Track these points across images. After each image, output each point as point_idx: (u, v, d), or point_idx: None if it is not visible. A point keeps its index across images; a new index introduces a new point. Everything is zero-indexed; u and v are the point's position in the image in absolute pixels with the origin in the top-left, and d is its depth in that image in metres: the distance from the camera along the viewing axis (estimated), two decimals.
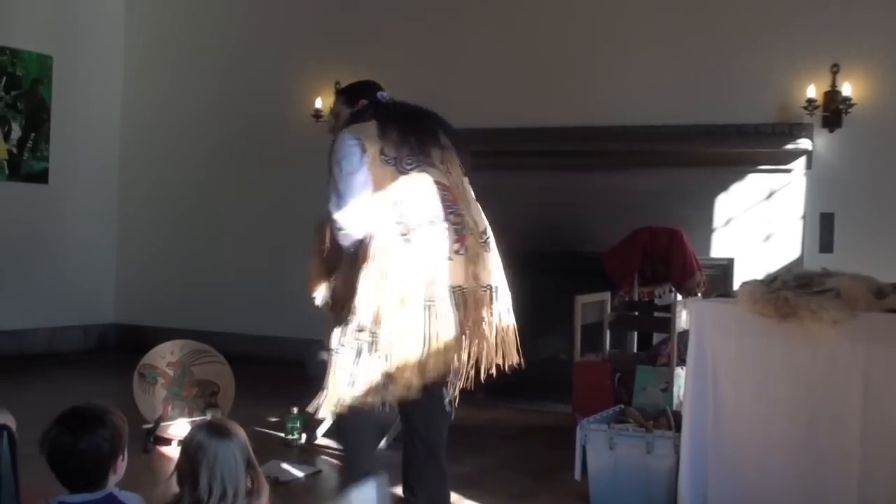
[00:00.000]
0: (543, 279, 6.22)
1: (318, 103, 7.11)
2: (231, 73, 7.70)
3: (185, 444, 2.31)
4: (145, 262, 7.99)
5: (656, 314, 5.62)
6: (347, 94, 3.55)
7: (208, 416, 4.61)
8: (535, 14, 6.67)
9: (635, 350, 5.84)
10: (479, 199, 3.46)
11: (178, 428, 4.57)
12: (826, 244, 5.90)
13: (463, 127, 6.28)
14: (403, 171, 3.25)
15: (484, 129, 6.41)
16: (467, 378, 3.25)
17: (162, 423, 4.67)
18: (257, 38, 7.65)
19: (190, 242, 7.82)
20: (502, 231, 3.51)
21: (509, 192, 6.34)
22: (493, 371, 3.26)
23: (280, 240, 7.40)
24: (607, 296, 5.49)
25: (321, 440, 4.85)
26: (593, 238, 6.11)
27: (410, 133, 3.31)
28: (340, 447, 3.88)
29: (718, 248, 6.06)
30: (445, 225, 3.22)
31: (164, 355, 4.93)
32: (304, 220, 7.18)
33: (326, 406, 3.14)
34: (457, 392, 3.29)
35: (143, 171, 8.06)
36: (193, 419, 4.57)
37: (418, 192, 3.25)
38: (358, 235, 3.19)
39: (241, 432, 2.33)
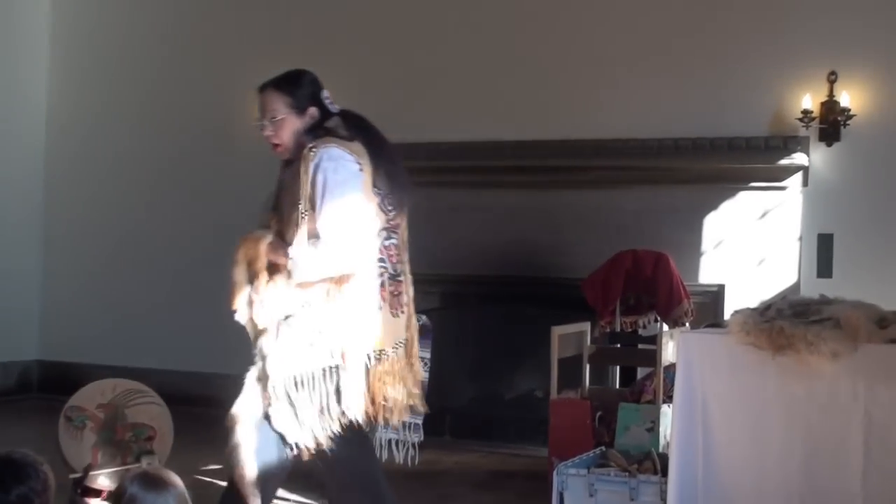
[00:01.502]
0: (516, 308, 6.24)
1: None
2: (168, 85, 7.67)
3: (116, 496, 2.29)
4: (73, 293, 7.91)
5: (640, 346, 5.64)
6: (292, 96, 3.41)
7: (143, 465, 4.57)
8: (510, 19, 6.73)
9: (618, 386, 5.86)
10: (446, 218, 3.53)
11: (110, 478, 4.51)
12: (824, 268, 5.97)
13: (427, 141, 6.44)
14: (385, 213, 3.33)
15: (450, 143, 6.45)
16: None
17: (91, 473, 4.61)
18: (196, 47, 7.63)
19: (123, 271, 7.76)
20: (470, 255, 3.55)
21: (479, 211, 6.37)
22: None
23: (223, 267, 7.33)
24: (587, 326, 5.51)
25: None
26: (571, 263, 6.14)
27: (397, 175, 3.37)
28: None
29: (708, 274, 6.11)
30: (402, 279, 3.37)
31: (94, 396, 4.87)
32: None
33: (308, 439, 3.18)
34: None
35: (71, 194, 7.99)
36: (126, 468, 4.52)
37: (400, 235, 3.37)
38: (339, 273, 3.20)
39: (178, 483, 2.32)
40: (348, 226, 3.18)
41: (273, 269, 3.37)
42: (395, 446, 3.25)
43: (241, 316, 3.48)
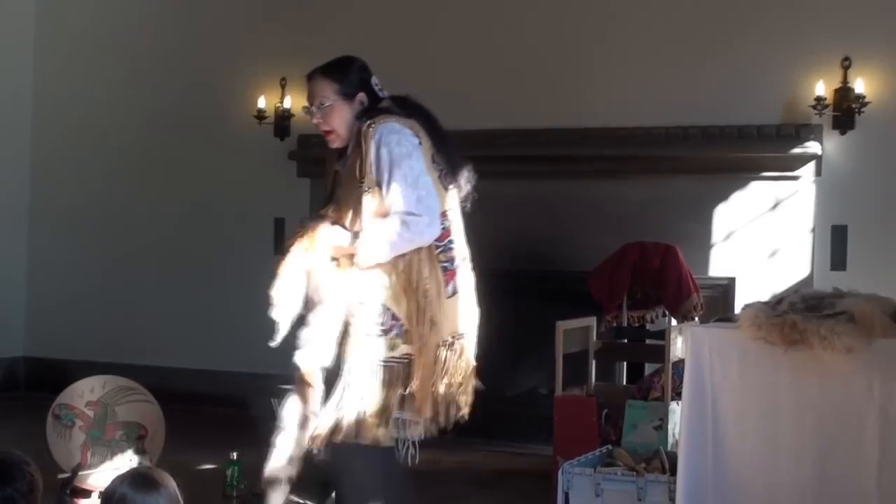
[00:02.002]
0: (519, 303, 6.24)
1: (262, 103, 7.10)
2: (161, 72, 7.66)
3: (106, 497, 2.30)
4: (61, 287, 7.91)
5: (648, 342, 5.65)
6: (340, 82, 3.44)
7: (134, 464, 4.57)
8: (513, 5, 6.70)
9: (625, 383, 5.86)
10: None
11: (100, 478, 4.52)
12: (838, 261, 5.96)
13: None
14: (445, 188, 3.38)
15: (452, 131, 6.44)
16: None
17: (80, 473, 4.62)
18: (191, 32, 7.63)
19: (113, 264, 7.76)
20: (471, 247, 3.53)
21: (480, 203, 6.32)
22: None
23: (217, 259, 7.37)
24: (593, 321, 5.51)
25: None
26: (576, 256, 6.14)
27: (453, 155, 3.43)
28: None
29: (717, 267, 6.11)
30: (469, 265, 3.42)
31: (83, 393, 4.88)
32: (244, 236, 7.27)
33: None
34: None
35: (59, 187, 7.98)
36: (117, 468, 4.53)
37: (457, 218, 3.41)
38: (414, 247, 3.23)
39: (170, 483, 2.32)
40: (420, 197, 3.20)
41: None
42: (396, 445, 3.23)
43: (280, 313, 3.37)
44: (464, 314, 3.36)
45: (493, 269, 6.56)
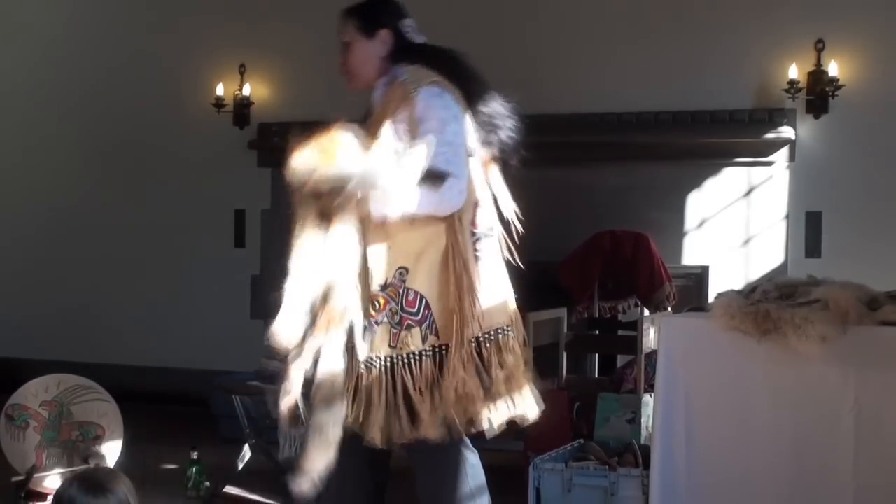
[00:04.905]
0: None
1: (220, 90, 7.06)
2: (115, 58, 7.61)
3: (56, 500, 2.29)
4: (13, 283, 7.84)
5: (620, 333, 5.68)
6: (361, 18, 3.29)
7: (91, 465, 4.55)
8: None
9: (596, 375, 5.89)
10: None
11: (56, 480, 4.49)
12: (813, 248, 6.02)
13: None
14: (481, 165, 3.27)
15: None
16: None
17: (35, 475, 4.59)
18: (146, 16, 7.57)
19: (67, 258, 7.71)
20: None
21: None
22: None
23: (175, 251, 7.33)
24: (563, 312, 5.53)
25: (229, 489, 4.81)
26: (545, 245, 6.11)
27: (494, 124, 3.28)
28: None
29: (690, 255, 6.15)
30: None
31: (37, 393, 4.85)
32: (203, 228, 7.24)
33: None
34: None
35: (10, 176, 7.93)
36: (74, 469, 4.50)
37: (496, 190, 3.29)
38: (450, 210, 3.05)
39: (121, 486, 2.30)
40: (458, 161, 3.05)
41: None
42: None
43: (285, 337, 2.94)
44: (501, 306, 3.22)
45: None
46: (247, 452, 4.89)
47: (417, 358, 3.04)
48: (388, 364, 3.03)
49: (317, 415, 2.91)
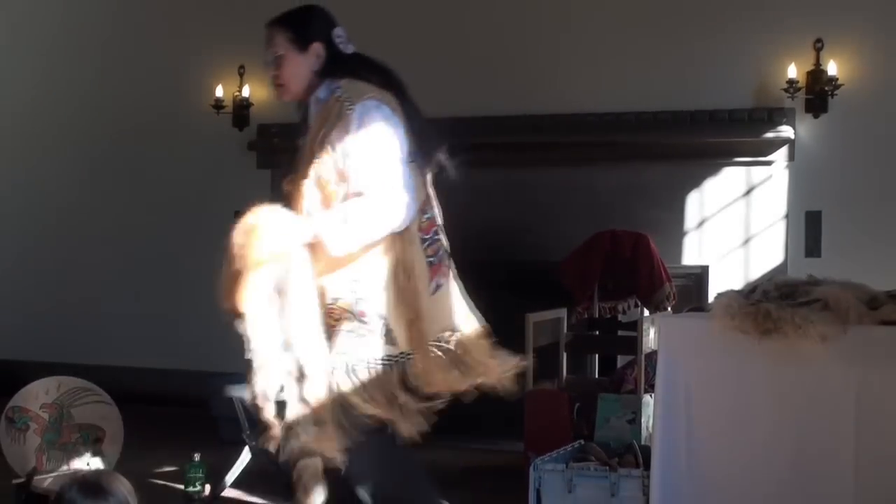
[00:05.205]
0: (487, 295, 6.18)
1: (220, 91, 7.07)
2: (115, 59, 7.61)
3: (55, 502, 2.28)
4: (12, 284, 7.84)
5: (620, 333, 5.67)
6: (293, 30, 3.26)
7: (91, 467, 4.55)
8: None
9: (597, 376, 5.89)
10: None
11: (57, 482, 4.49)
12: (812, 247, 6.02)
13: None
14: (423, 172, 3.26)
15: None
16: None
17: (36, 477, 4.59)
18: (145, 17, 7.57)
19: (67, 259, 7.70)
20: None
21: (442, 191, 6.35)
22: None
23: (176, 253, 7.33)
24: (563, 313, 5.53)
25: (230, 492, 4.81)
26: (546, 245, 6.15)
27: (427, 134, 3.26)
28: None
29: (690, 255, 6.15)
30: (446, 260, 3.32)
31: (38, 395, 4.84)
32: (202, 230, 7.22)
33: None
34: None
35: (10, 176, 7.92)
36: (74, 471, 4.50)
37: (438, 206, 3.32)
38: (388, 231, 3.07)
39: (121, 488, 2.31)
40: (399, 175, 3.05)
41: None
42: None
43: (250, 321, 3.02)
44: (454, 309, 3.26)
45: (460, 261, 6.60)
46: (246, 454, 4.89)
47: (374, 366, 3.07)
48: (342, 374, 3.06)
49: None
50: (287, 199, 3.19)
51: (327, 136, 3.08)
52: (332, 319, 3.09)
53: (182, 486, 4.78)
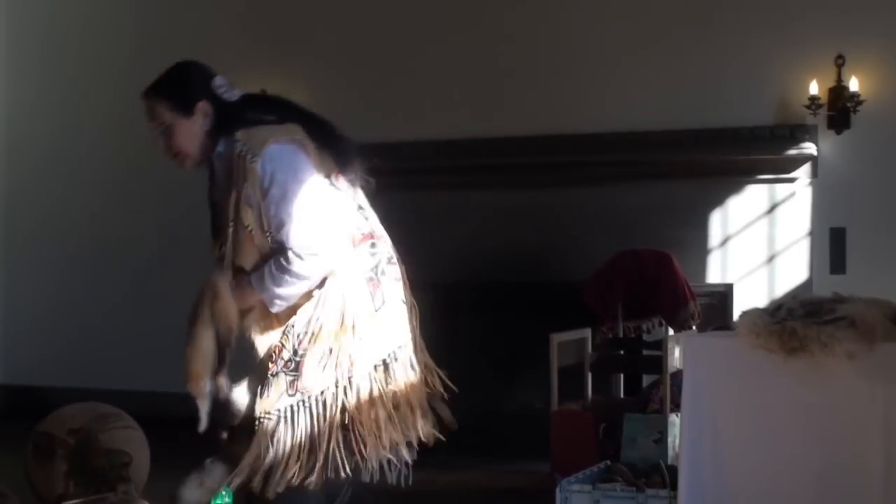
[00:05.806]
0: (511, 315, 6.24)
1: None
2: (132, 85, 7.58)
3: None
4: (39, 311, 7.89)
5: (645, 352, 5.66)
6: (172, 98, 3.19)
7: (118, 493, 4.56)
8: (496, 5, 6.71)
9: (622, 395, 5.87)
10: (432, 223, 3.47)
11: None
12: (837, 264, 5.99)
13: (412, 140, 6.43)
14: (352, 186, 3.20)
15: (435, 141, 6.45)
16: None
17: (63, 503, 4.61)
18: (165, 44, 7.60)
19: (92, 285, 7.74)
20: (459, 261, 3.54)
21: (467, 213, 6.38)
22: None
23: (199, 279, 7.33)
24: (588, 333, 5.52)
25: None
26: (568, 265, 6.15)
27: (337, 140, 3.18)
28: None
29: (714, 273, 6.13)
30: (396, 263, 3.24)
31: (65, 421, 4.85)
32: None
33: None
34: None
35: (33, 203, 7.97)
36: (101, 496, 4.51)
37: (374, 214, 3.23)
38: (322, 276, 3.07)
39: None
40: (315, 229, 3.01)
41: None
42: (388, 466, 3.19)
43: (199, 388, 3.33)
44: (396, 325, 3.16)
45: (484, 282, 6.60)
46: None
47: (318, 401, 3.07)
48: (289, 413, 3.10)
49: None
50: (220, 260, 3.29)
51: (240, 195, 3.05)
52: (274, 357, 3.16)
53: None
